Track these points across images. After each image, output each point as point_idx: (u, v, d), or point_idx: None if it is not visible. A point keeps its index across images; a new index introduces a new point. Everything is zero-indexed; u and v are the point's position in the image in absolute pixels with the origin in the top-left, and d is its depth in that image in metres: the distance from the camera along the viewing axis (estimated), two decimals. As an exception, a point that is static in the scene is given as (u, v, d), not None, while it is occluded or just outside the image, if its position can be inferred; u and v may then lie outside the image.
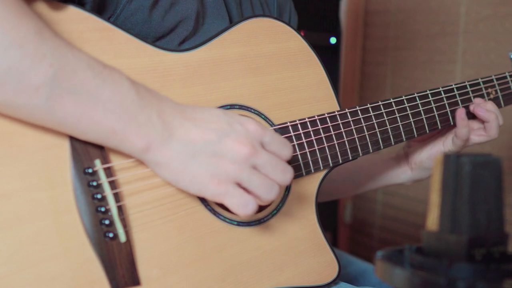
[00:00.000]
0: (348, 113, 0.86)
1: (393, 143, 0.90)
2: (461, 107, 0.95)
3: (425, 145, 1.02)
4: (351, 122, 0.86)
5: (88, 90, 0.60)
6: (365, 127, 0.87)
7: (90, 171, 0.64)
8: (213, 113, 0.67)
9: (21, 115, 0.60)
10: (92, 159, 0.64)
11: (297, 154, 0.80)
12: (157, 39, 0.78)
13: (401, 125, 0.91)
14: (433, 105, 0.94)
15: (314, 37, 1.97)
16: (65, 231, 0.62)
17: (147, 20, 0.76)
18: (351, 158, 0.85)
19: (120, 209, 0.65)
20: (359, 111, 0.87)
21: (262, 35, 0.81)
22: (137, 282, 0.65)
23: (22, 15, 0.58)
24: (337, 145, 0.84)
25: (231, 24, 0.80)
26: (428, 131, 0.94)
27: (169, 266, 0.68)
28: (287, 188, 0.81)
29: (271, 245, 0.77)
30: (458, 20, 1.97)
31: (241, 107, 0.78)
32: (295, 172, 0.80)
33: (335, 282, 0.82)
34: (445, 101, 0.95)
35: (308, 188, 0.83)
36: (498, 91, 1.02)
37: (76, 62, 0.60)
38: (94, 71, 0.61)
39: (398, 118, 0.90)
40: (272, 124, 0.80)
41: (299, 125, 0.81)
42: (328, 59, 1.98)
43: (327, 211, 2.17)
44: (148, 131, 0.63)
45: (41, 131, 0.62)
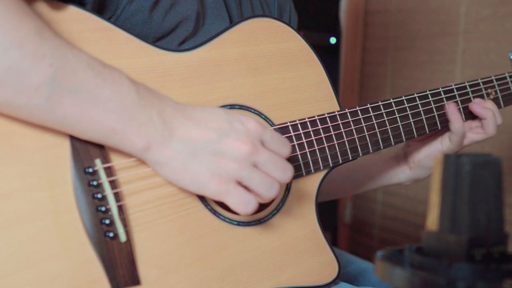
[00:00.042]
0: (348, 113, 0.86)
1: (393, 143, 0.91)
2: (451, 102, 0.95)
3: (424, 144, 1.02)
4: (351, 122, 0.86)
5: (88, 89, 0.60)
6: (365, 127, 0.87)
7: (90, 170, 0.64)
8: (213, 112, 0.68)
9: (21, 115, 0.60)
10: (92, 158, 0.64)
11: (297, 154, 0.80)
12: (157, 40, 0.78)
13: (401, 125, 0.91)
14: (433, 106, 0.95)
15: (314, 37, 1.97)
16: (65, 231, 0.62)
17: (147, 20, 0.76)
18: (351, 158, 0.85)
19: (120, 208, 0.65)
20: (359, 111, 0.87)
21: (262, 35, 0.81)
22: (137, 281, 0.65)
23: (22, 15, 0.58)
24: (337, 145, 0.84)
25: (231, 24, 0.80)
26: (428, 132, 0.94)
27: (169, 265, 0.68)
28: (287, 188, 0.81)
29: (271, 245, 0.77)
30: (458, 20, 1.97)
31: (241, 107, 0.78)
32: (295, 172, 0.80)
33: (335, 282, 0.82)
34: (445, 102, 0.96)
35: (308, 188, 0.83)
36: (497, 91, 1.02)
37: (76, 61, 0.60)
38: (94, 70, 0.61)
39: (398, 118, 0.91)
40: (272, 124, 0.80)
41: (299, 125, 0.81)
42: (328, 59, 1.98)
43: (327, 211, 2.17)
44: (148, 131, 0.63)
45: (41, 131, 0.62)
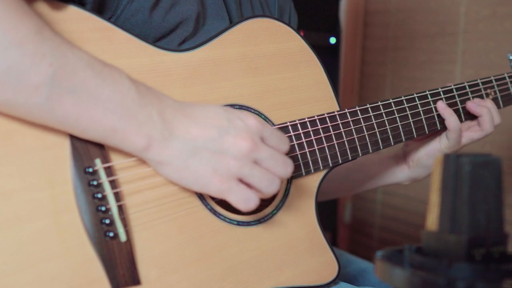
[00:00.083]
0: (347, 113, 0.86)
1: (393, 143, 0.91)
2: (438, 101, 0.95)
3: (423, 144, 1.02)
4: (351, 122, 0.86)
5: (88, 89, 0.60)
6: (364, 127, 0.87)
7: (90, 170, 0.64)
8: (212, 110, 0.68)
9: (21, 114, 0.60)
10: (92, 158, 0.64)
11: (297, 154, 0.80)
12: (157, 40, 0.78)
13: (400, 126, 0.91)
14: (432, 106, 0.95)
15: (313, 37, 1.98)
16: (66, 231, 0.62)
17: (147, 21, 0.76)
18: (350, 158, 0.86)
19: (120, 208, 0.65)
20: (358, 111, 0.87)
21: (262, 35, 0.82)
22: (137, 281, 0.65)
23: (22, 14, 0.58)
24: (336, 145, 0.84)
25: (231, 24, 0.80)
26: (427, 132, 0.94)
27: (169, 265, 0.68)
28: (287, 188, 0.81)
29: (271, 245, 0.77)
30: (457, 20, 1.98)
31: (241, 107, 0.78)
32: (294, 172, 0.80)
33: (335, 282, 0.82)
34: (445, 102, 0.96)
35: (307, 188, 0.83)
36: (497, 91, 1.03)
37: (76, 61, 0.60)
38: (94, 70, 0.61)
39: (397, 118, 0.91)
40: (272, 124, 0.80)
41: (299, 125, 0.81)
42: (327, 59, 1.99)
43: (327, 211, 2.17)
44: (148, 130, 0.63)
45: (41, 130, 0.62)
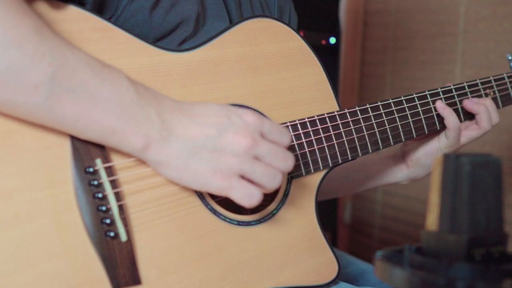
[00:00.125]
0: (347, 113, 0.86)
1: (392, 143, 0.91)
2: (437, 100, 0.95)
3: (421, 143, 1.02)
4: (350, 122, 0.86)
5: (87, 89, 0.60)
6: (364, 127, 0.87)
7: (91, 170, 0.64)
8: (211, 108, 0.68)
9: (20, 114, 0.60)
10: (93, 158, 0.64)
11: (297, 153, 0.80)
12: (157, 40, 0.78)
13: (400, 126, 0.91)
14: (432, 106, 0.95)
15: (313, 37, 1.98)
16: (66, 230, 0.62)
17: (147, 21, 0.76)
18: (350, 158, 0.86)
19: (121, 208, 0.65)
20: (358, 111, 0.87)
21: (262, 36, 0.82)
22: (137, 281, 0.65)
23: (22, 14, 0.58)
24: (336, 145, 0.84)
25: (231, 24, 0.80)
26: (427, 132, 0.94)
27: (169, 265, 0.68)
28: (287, 188, 0.81)
29: (271, 245, 0.77)
30: (457, 20, 1.98)
31: (241, 107, 0.78)
32: (294, 172, 0.81)
33: (334, 281, 0.82)
34: (444, 102, 0.96)
35: (307, 187, 0.83)
36: (496, 91, 1.03)
37: (75, 61, 0.60)
38: (93, 70, 0.61)
39: (397, 118, 0.91)
40: (272, 124, 0.80)
41: (299, 125, 0.81)
42: (327, 59, 1.99)
43: (327, 211, 2.17)
44: (147, 130, 0.63)
45: (41, 130, 0.62)
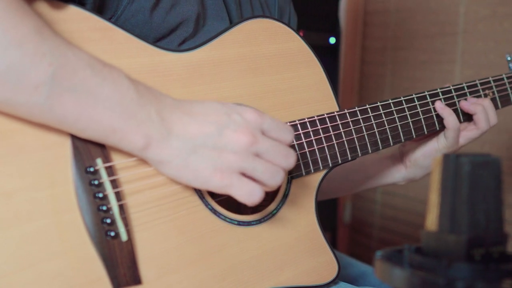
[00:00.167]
0: (347, 114, 0.86)
1: (392, 144, 0.91)
2: (436, 101, 0.95)
3: (420, 144, 1.02)
4: (350, 122, 0.86)
5: (87, 88, 0.60)
6: (364, 128, 0.87)
7: (91, 170, 0.64)
8: (210, 106, 0.67)
9: (21, 114, 0.60)
10: (93, 158, 0.64)
11: (297, 154, 0.80)
12: (157, 40, 0.78)
13: (399, 126, 0.91)
14: (431, 106, 0.95)
15: (313, 37, 1.98)
16: (66, 230, 0.62)
17: (147, 21, 0.76)
18: (350, 158, 0.86)
19: (121, 208, 0.65)
20: (358, 111, 0.87)
21: (262, 36, 0.82)
22: (138, 281, 0.65)
23: (22, 14, 0.58)
24: (336, 145, 0.84)
25: (231, 24, 0.80)
26: (426, 132, 0.95)
27: (169, 265, 0.68)
28: (287, 188, 0.81)
29: (271, 245, 0.77)
30: (457, 20, 1.98)
31: (242, 106, 0.78)
32: (294, 172, 0.81)
33: (334, 281, 0.82)
34: (443, 102, 0.96)
35: (307, 188, 0.83)
36: (495, 92, 1.03)
37: (75, 60, 0.60)
38: (93, 69, 0.61)
39: (396, 118, 0.91)
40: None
41: (299, 125, 0.82)
42: (327, 59, 1.98)
43: (327, 211, 2.17)
44: (147, 129, 0.63)
45: (42, 130, 0.62)
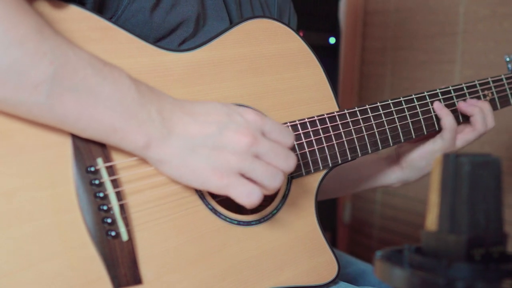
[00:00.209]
0: (347, 114, 0.86)
1: (392, 144, 0.91)
2: (434, 101, 0.96)
3: (416, 145, 1.02)
4: (350, 123, 0.86)
5: (88, 88, 0.60)
6: (363, 128, 0.87)
7: (92, 169, 0.64)
8: (211, 106, 0.67)
9: (22, 113, 0.60)
10: (94, 157, 0.64)
11: (297, 154, 0.81)
12: (157, 40, 0.78)
13: (399, 126, 0.91)
14: (431, 107, 0.95)
15: (313, 37, 1.97)
16: (67, 230, 0.62)
17: (148, 21, 0.76)
18: (350, 158, 0.86)
19: (122, 207, 0.65)
20: (358, 112, 0.87)
21: (262, 36, 0.82)
22: (138, 281, 0.65)
23: (22, 13, 0.58)
24: (336, 145, 0.84)
25: (231, 25, 0.80)
26: (425, 133, 0.95)
27: (170, 265, 0.68)
28: (287, 188, 0.81)
29: (271, 245, 0.77)
30: (457, 20, 1.98)
31: (242, 107, 0.78)
32: (295, 172, 0.81)
33: (334, 281, 0.82)
34: (442, 103, 0.96)
35: (307, 188, 0.83)
36: (494, 93, 1.03)
37: (76, 60, 0.60)
38: (94, 69, 0.61)
39: (396, 119, 0.91)
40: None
41: (299, 126, 0.82)
42: (327, 59, 1.98)
43: (327, 211, 2.17)
44: (148, 129, 0.63)
45: (43, 129, 0.62)
